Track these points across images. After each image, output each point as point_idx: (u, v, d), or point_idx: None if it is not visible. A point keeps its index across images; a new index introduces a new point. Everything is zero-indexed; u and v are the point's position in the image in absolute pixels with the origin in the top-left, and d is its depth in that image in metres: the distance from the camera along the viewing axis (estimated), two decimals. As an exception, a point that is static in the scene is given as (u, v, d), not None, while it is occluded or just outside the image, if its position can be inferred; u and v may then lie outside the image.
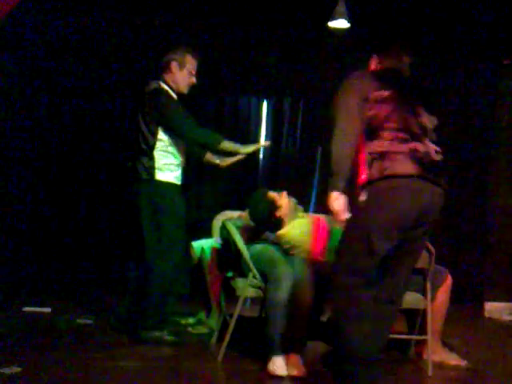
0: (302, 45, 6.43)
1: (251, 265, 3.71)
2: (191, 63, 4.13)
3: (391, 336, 3.96)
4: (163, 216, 3.99)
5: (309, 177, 6.73)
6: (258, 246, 3.89)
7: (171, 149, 4.04)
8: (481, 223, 6.29)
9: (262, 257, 3.77)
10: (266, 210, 3.91)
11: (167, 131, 4.01)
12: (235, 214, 4.35)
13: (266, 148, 6.48)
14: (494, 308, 5.78)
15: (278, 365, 3.47)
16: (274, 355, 3.49)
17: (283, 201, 3.92)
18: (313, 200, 6.68)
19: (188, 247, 4.39)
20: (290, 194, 4.02)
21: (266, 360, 3.51)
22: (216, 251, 4.22)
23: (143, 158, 3.99)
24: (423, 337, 3.76)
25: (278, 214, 3.89)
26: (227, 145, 3.99)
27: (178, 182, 4.10)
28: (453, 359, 3.86)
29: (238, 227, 3.94)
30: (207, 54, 4.16)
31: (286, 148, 6.73)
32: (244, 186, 6.50)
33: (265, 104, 6.70)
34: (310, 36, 6.25)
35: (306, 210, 5.26)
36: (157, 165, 3.98)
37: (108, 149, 6.07)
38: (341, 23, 5.51)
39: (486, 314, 5.76)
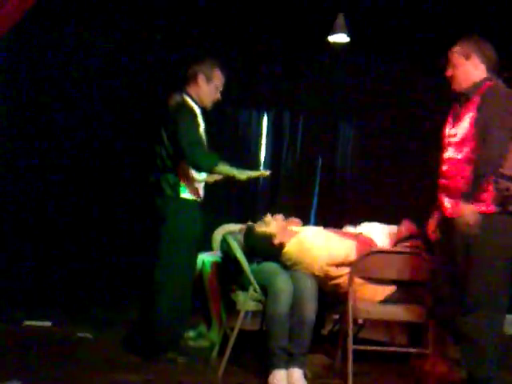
0: (303, 58, 6.46)
1: (252, 278, 3.70)
2: (219, 79, 3.96)
3: (392, 349, 3.99)
4: (181, 235, 3.83)
5: (309, 189, 6.74)
6: (259, 260, 3.89)
7: None
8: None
9: (262, 270, 3.77)
10: (263, 247, 3.83)
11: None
12: (236, 227, 4.35)
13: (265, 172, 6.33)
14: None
15: (279, 378, 3.45)
16: (274, 369, 3.48)
17: (272, 227, 3.83)
18: (313, 212, 6.69)
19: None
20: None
21: (266, 374, 3.50)
22: (216, 264, 4.23)
23: (168, 174, 3.83)
24: (423, 350, 3.74)
25: (275, 242, 3.79)
26: (222, 168, 3.81)
27: (201, 199, 3.97)
28: (455, 372, 3.83)
29: (238, 241, 3.92)
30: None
31: (286, 160, 6.75)
32: (245, 199, 6.51)
33: (265, 117, 6.73)
34: (310, 50, 6.28)
35: (307, 223, 5.28)
36: (182, 181, 3.83)
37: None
38: (340, 37, 5.55)
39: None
